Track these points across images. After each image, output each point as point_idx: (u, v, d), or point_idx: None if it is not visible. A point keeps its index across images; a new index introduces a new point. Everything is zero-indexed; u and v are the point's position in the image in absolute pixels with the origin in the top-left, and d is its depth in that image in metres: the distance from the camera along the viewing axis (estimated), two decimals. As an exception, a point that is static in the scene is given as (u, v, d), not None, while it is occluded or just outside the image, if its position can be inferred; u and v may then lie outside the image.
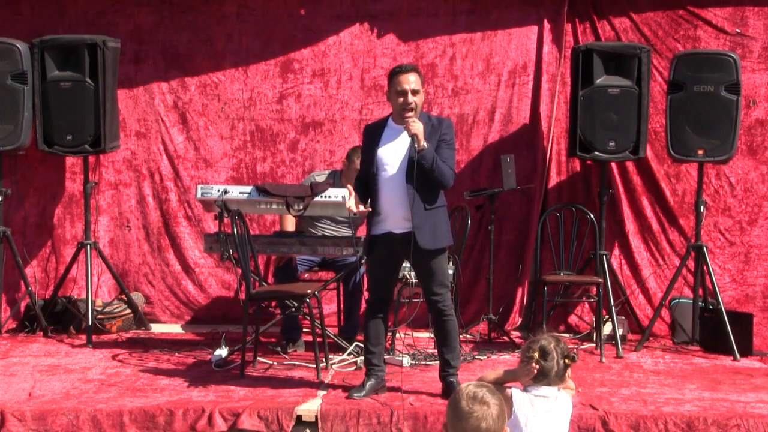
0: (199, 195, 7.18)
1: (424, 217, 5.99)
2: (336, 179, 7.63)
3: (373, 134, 6.17)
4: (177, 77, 8.40)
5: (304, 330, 7.54)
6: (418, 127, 5.94)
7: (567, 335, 8.06)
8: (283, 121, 8.39)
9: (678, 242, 8.16)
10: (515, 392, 4.15)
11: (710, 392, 6.42)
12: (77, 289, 8.22)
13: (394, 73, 6.06)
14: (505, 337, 7.80)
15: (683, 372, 7.01)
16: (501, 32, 8.29)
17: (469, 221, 7.33)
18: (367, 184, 6.17)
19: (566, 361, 4.16)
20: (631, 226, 8.23)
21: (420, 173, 5.92)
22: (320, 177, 7.69)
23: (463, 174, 8.21)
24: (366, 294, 6.67)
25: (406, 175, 5.97)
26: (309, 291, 6.78)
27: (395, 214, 6.04)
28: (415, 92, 6.01)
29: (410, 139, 5.98)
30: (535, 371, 4.16)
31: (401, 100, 6.01)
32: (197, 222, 8.41)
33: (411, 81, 6.01)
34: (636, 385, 6.60)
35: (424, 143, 5.92)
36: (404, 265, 6.57)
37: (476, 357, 7.26)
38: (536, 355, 4.15)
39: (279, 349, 7.34)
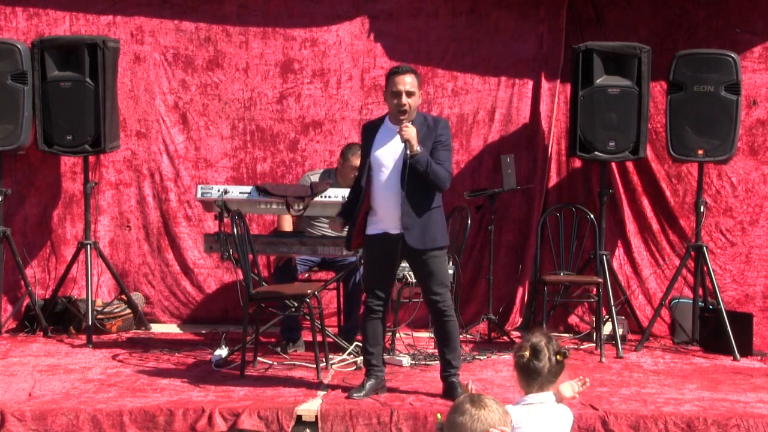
0: (199, 195, 7.18)
1: (416, 219, 5.98)
2: (331, 178, 7.63)
3: (369, 134, 6.19)
4: (177, 77, 8.40)
5: (304, 329, 7.54)
6: (410, 132, 5.94)
7: (567, 335, 8.07)
8: (283, 121, 8.39)
9: (678, 242, 8.16)
10: (510, 408, 4.14)
11: (710, 392, 6.42)
12: (77, 289, 8.22)
13: (391, 74, 6.09)
14: (505, 337, 7.80)
15: (683, 372, 7.01)
16: (501, 32, 8.28)
17: (469, 221, 7.33)
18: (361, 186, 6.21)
19: (558, 357, 4.15)
20: (631, 226, 8.23)
21: (413, 177, 5.92)
22: (315, 176, 7.70)
23: (463, 174, 8.21)
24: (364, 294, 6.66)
25: (401, 177, 5.97)
26: (309, 291, 6.78)
27: (391, 215, 6.04)
28: (409, 94, 6.01)
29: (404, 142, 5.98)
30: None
31: (395, 101, 6.02)
32: (197, 222, 8.41)
33: (406, 82, 6.01)
34: (636, 385, 6.60)
35: (417, 148, 5.93)
36: (404, 265, 6.57)
37: (476, 357, 7.27)
38: (527, 353, 4.15)
39: (279, 349, 7.34)
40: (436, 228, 6.10)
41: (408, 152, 5.93)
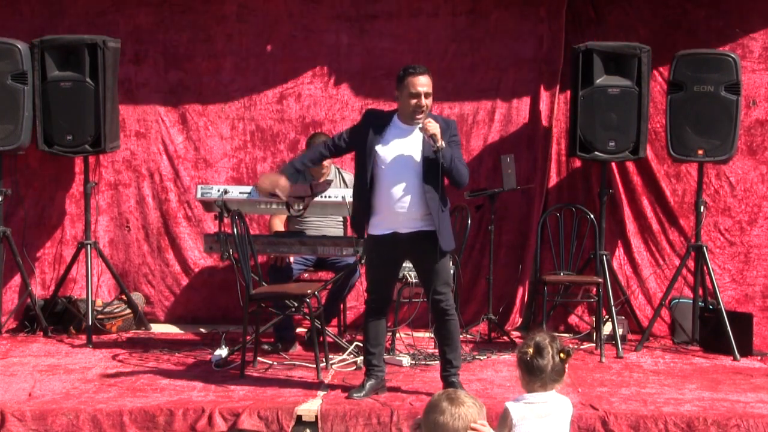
0: (199, 195, 7.18)
1: (442, 219, 5.99)
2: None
3: (376, 126, 6.08)
4: (177, 77, 8.40)
5: (299, 329, 7.54)
6: (435, 126, 5.90)
7: (567, 335, 8.07)
8: (283, 121, 8.39)
9: (678, 242, 8.16)
10: (510, 405, 4.12)
11: (710, 392, 6.42)
12: (77, 289, 8.22)
13: (408, 74, 6.00)
14: (505, 337, 7.80)
15: (683, 372, 7.01)
16: (501, 32, 8.28)
17: (469, 221, 7.34)
18: (331, 149, 6.21)
19: (562, 355, 4.14)
20: (631, 226, 8.23)
21: (434, 176, 5.90)
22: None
23: (463, 174, 8.20)
24: (365, 295, 6.65)
25: (425, 175, 5.95)
26: (309, 291, 6.78)
27: (403, 215, 6.00)
28: (427, 95, 5.99)
29: (425, 139, 5.94)
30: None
31: (414, 102, 5.97)
32: (197, 222, 8.41)
33: (425, 84, 5.98)
34: (636, 385, 6.60)
35: (441, 142, 5.90)
36: (404, 264, 6.57)
37: (476, 357, 7.27)
38: (531, 350, 4.14)
39: (269, 347, 7.31)
40: (451, 229, 6.13)
41: (436, 145, 5.88)
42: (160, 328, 8.25)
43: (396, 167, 6.01)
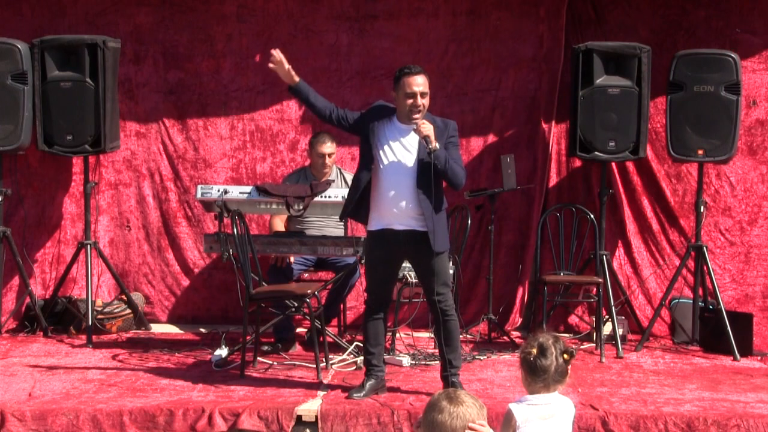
0: (199, 195, 7.17)
1: (436, 220, 5.99)
2: (308, 175, 7.64)
3: (378, 122, 6.08)
4: (177, 77, 8.39)
5: (299, 329, 7.54)
6: (428, 128, 5.91)
7: (567, 335, 8.07)
8: (283, 121, 8.39)
9: (678, 242, 8.16)
10: (514, 407, 4.12)
11: (710, 392, 6.42)
12: (77, 289, 8.22)
13: (403, 74, 6.01)
14: (505, 337, 7.80)
15: (683, 372, 7.01)
16: (501, 32, 8.28)
17: (469, 221, 7.34)
18: (339, 116, 6.20)
19: (565, 356, 4.13)
20: (631, 226, 8.23)
21: (433, 174, 5.91)
22: (291, 178, 7.73)
23: (463, 174, 8.20)
24: (365, 295, 6.66)
25: (418, 177, 5.96)
26: (309, 291, 6.79)
27: (398, 212, 6.01)
28: (423, 95, 5.99)
29: (420, 140, 5.95)
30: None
31: (410, 101, 5.98)
32: (197, 222, 8.41)
33: (420, 83, 5.99)
34: (636, 385, 6.60)
35: (435, 144, 5.90)
36: (404, 264, 6.57)
37: (476, 357, 7.27)
38: (534, 351, 4.14)
39: (268, 348, 7.30)
40: (446, 229, 6.15)
41: (430, 147, 5.89)
42: (160, 328, 8.25)
43: (392, 167, 6.02)
